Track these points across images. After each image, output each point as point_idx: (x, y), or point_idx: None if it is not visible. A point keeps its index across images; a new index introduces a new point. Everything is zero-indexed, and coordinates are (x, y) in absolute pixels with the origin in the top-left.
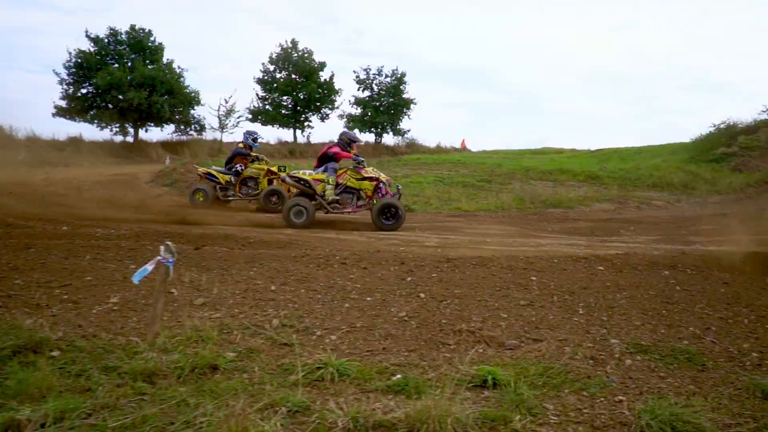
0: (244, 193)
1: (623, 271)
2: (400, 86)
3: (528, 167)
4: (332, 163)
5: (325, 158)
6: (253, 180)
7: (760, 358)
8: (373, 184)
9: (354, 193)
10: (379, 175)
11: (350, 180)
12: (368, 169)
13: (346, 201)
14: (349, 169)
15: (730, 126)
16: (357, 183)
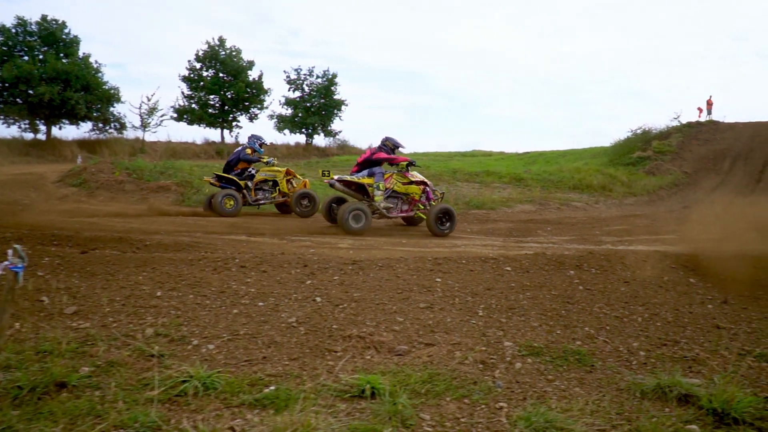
0: (261, 198)
1: (530, 272)
2: (332, 87)
3: (456, 169)
4: (379, 168)
5: (369, 163)
6: (268, 183)
7: (647, 356)
8: (421, 188)
9: (399, 198)
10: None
11: (397, 184)
12: (414, 173)
13: (392, 206)
14: (395, 174)
15: (645, 131)
16: (403, 187)
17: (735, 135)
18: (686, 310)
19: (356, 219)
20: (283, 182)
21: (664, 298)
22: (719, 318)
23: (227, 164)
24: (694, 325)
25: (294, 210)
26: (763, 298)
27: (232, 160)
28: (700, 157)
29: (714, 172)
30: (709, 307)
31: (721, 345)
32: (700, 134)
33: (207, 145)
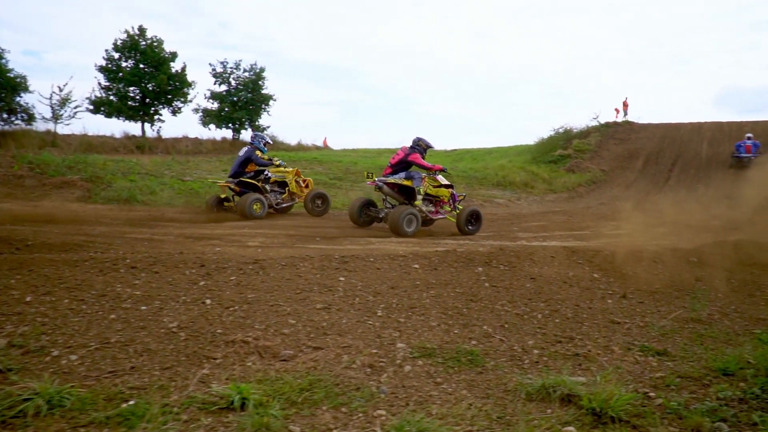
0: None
1: (438, 269)
2: (259, 81)
3: (383, 165)
4: (416, 172)
5: (403, 165)
6: (277, 184)
7: (540, 355)
8: (449, 191)
9: (430, 200)
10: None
11: (429, 187)
12: (440, 177)
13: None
14: (428, 177)
15: (567, 131)
16: (434, 190)
17: (648, 135)
18: (586, 306)
19: (409, 223)
20: (293, 183)
21: (567, 294)
22: (616, 313)
23: (237, 166)
24: (591, 320)
25: (307, 209)
26: (659, 291)
27: (240, 162)
28: (616, 156)
29: (629, 170)
30: (609, 302)
31: (614, 340)
32: (617, 134)
33: (126, 139)
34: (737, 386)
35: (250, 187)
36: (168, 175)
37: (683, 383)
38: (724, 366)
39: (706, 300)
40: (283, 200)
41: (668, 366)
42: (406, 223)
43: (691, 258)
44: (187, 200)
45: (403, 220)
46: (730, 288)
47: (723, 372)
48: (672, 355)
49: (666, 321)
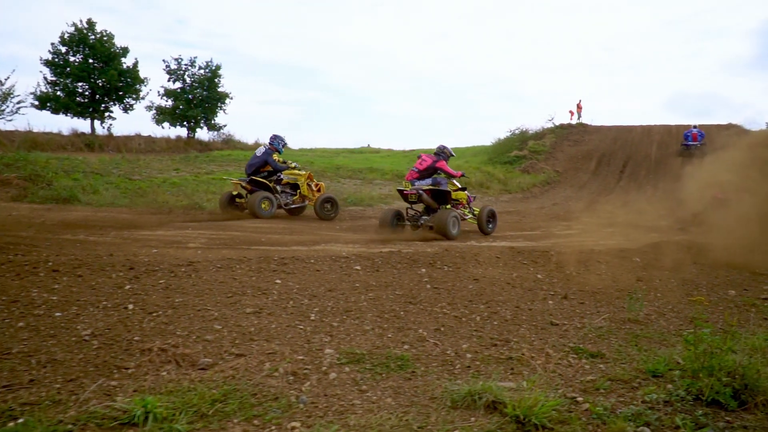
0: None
1: (380, 271)
2: (215, 79)
3: (340, 165)
4: (441, 178)
5: (430, 171)
6: (289, 186)
7: (473, 359)
8: (466, 194)
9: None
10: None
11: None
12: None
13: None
14: (449, 181)
15: (523, 132)
16: (455, 194)
17: (601, 137)
18: (526, 307)
19: (454, 225)
20: (304, 186)
21: (509, 295)
22: (555, 314)
23: (251, 166)
24: (530, 322)
25: (317, 212)
26: (601, 292)
27: (256, 163)
28: (570, 157)
29: (582, 171)
30: (550, 303)
31: (550, 342)
32: (571, 135)
33: (75, 137)
34: (664, 388)
35: (261, 186)
36: (116, 173)
37: (613, 386)
38: (654, 368)
39: (646, 300)
40: (294, 202)
41: (600, 369)
42: (452, 225)
43: (635, 258)
44: (131, 200)
45: (450, 223)
46: (668, 288)
47: (652, 374)
48: (606, 357)
49: (603, 322)
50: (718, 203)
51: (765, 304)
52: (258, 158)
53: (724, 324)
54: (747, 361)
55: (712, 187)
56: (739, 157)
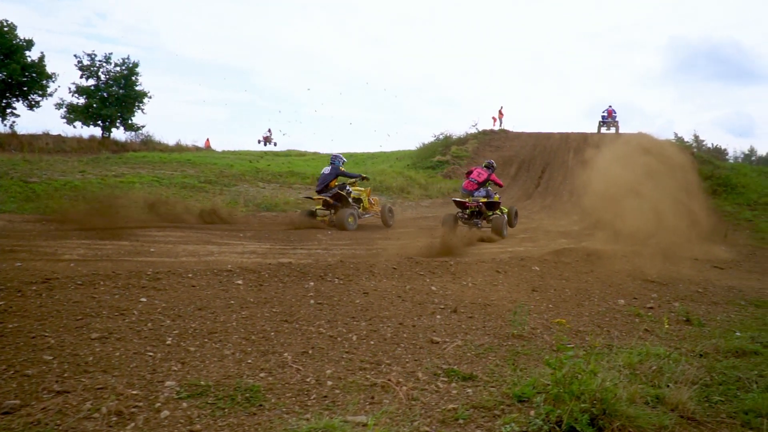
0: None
1: (264, 285)
2: (132, 77)
3: (260, 169)
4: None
5: (484, 182)
6: (355, 200)
7: (333, 386)
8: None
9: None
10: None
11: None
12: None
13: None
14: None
15: (447, 137)
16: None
17: (521, 143)
18: (410, 324)
19: (505, 227)
20: (366, 200)
21: (397, 310)
22: (439, 331)
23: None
24: (409, 341)
25: (383, 220)
26: (493, 304)
27: (327, 179)
28: None
29: (502, 176)
30: (437, 318)
31: (424, 364)
32: (493, 141)
33: None
34: (527, 415)
35: (341, 200)
36: (10, 175)
37: (474, 415)
38: (521, 392)
39: (536, 312)
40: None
41: (467, 394)
42: (504, 227)
43: (534, 267)
44: (19, 205)
45: (504, 225)
46: (562, 299)
47: (519, 398)
48: (477, 380)
49: (486, 338)
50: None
51: (649, 314)
52: (328, 174)
53: (607, 338)
54: (609, 383)
55: (609, 197)
56: (631, 163)
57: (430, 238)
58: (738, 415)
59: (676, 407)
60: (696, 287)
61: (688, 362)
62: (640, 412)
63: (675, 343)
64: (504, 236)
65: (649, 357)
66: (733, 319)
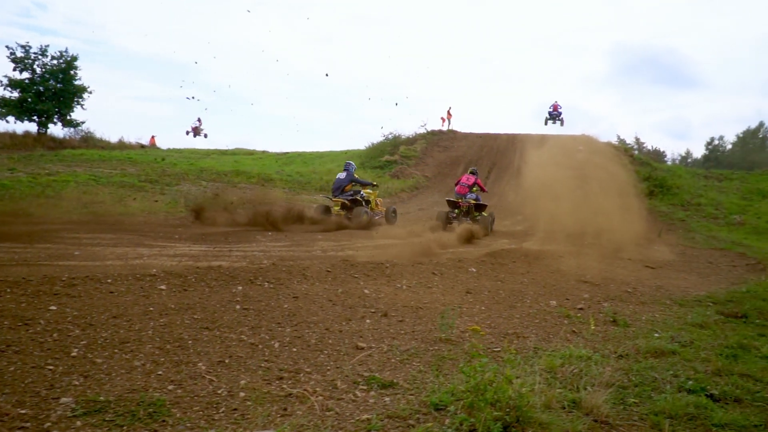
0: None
1: (189, 290)
2: (71, 70)
3: (204, 168)
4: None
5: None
6: (365, 202)
7: (245, 398)
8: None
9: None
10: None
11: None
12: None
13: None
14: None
15: (396, 137)
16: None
17: (469, 144)
18: (337, 329)
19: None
20: (374, 202)
21: (326, 314)
22: (366, 336)
23: (338, 188)
24: (334, 347)
25: (387, 219)
26: (426, 307)
27: (342, 185)
28: (439, 163)
29: (450, 176)
30: (367, 323)
31: (345, 371)
32: (441, 142)
33: None
34: (441, 424)
35: (357, 202)
36: None
37: (388, 425)
38: (438, 400)
39: (468, 315)
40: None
41: (384, 403)
42: (490, 226)
43: (471, 269)
44: None
45: (490, 224)
46: (495, 300)
47: (436, 406)
48: (398, 387)
49: (413, 343)
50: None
51: (578, 315)
52: (343, 180)
53: (534, 341)
54: (526, 389)
55: (548, 197)
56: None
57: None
58: (649, 417)
59: (591, 411)
60: (626, 287)
61: (609, 364)
62: (554, 418)
63: (599, 344)
64: (489, 233)
65: (572, 359)
66: (657, 319)
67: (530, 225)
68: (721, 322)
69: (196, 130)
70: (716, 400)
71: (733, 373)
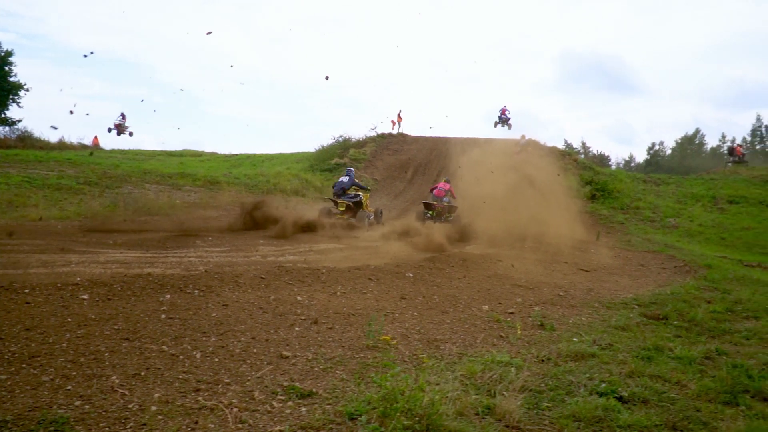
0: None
1: (114, 299)
2: (5, 67)
3: (148, 170)
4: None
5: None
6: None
7: (157, 412)
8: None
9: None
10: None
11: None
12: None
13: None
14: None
15: (346, 140)
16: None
17: (418, 147)
18: (263, 338)
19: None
20: (366, 203)
21: (254, 322)
22: (292, 344)
23: (341, 189)
24: (258, 356)
25: (376, 220)
26: (358, 313)
27: (345, 186)
28: (389, 166)
29: (399, 180)
30: (296, 330)
31: (266, 381)
32: (391, 145)
33: None
34: None
35: (359, 205)
36: None
37: None
38: (353, 409)
39: (399, 321)
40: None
41: (300, 413)
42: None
43: (408, 274)
44: None
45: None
46: (428, 306)
47: (350, 416)
48: (316, 397)
49: (340, 350)
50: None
51: (508, 319)
52: (346, 183)
53: (461, 346)
54: (438, 397)
55: (491, 201)
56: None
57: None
58: (558, 421)
59: (503, 417)
60: (559, 291)
61: (529, 369)
62: (465, 426)
63: (523, 348)
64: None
65: (492, 365)
66: (584, 322)
67: (472, 229)
68: (642, 324)
69: (120, 128)
70: (625, 402)
71: (645, 375)
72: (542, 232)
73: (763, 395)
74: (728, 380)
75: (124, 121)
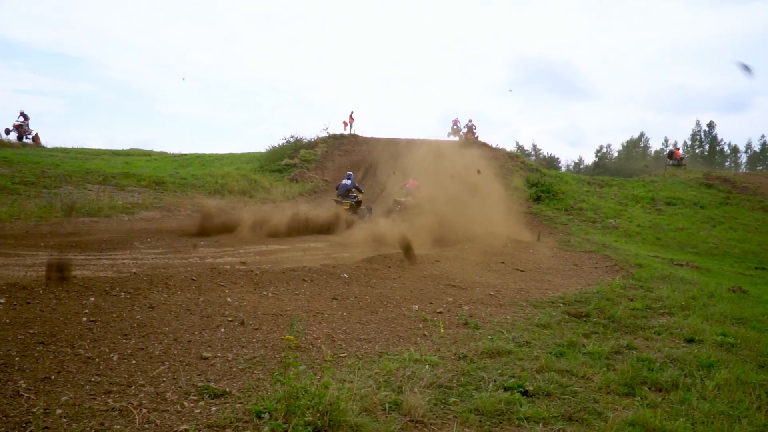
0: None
1: (33, 303)
2: None
3: (90, 169)
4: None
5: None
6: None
7: (62, 415)
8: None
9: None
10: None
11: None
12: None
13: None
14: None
15: (297, 140)
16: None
17: (370, 148)
18: (186, 339)
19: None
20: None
21: (179, 325)
22: (214, 345)
23: (345, 192)
24: (177, 358)
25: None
26: (285, 314)
27: (347, 188)
28: (340, 167)
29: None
30: (221, 332)
31: (181, 382)
32: (343, 145)
33: None
34: (259, 431)
35: (360, 203)
36: None
37: None
38: (262, 407)
39: (327, 321)
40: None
41: (209, 413)
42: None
43: (343, 275)
44: None
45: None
46: (359, 306)
47: (258, 414)
48: (229, 397)
49: (262, 350)
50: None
51: (435, 318)
52: (347, 185)
53: (383, 345)
54: (345, 393)
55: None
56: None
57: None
58: (462, 415)
59: (409, 412)
60: (490, 290)
61: (445, 366)
62: (368, 421)
63: (444, 347)
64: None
65: (408, 363)
66: (508, 321)
67: (415, 229)
68: (564, 321)
69: (20, 129)
70: (529, 396)
71: (554, 370)
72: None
73: (659, 386)
74: (629, 373)
75: (26, 122)
